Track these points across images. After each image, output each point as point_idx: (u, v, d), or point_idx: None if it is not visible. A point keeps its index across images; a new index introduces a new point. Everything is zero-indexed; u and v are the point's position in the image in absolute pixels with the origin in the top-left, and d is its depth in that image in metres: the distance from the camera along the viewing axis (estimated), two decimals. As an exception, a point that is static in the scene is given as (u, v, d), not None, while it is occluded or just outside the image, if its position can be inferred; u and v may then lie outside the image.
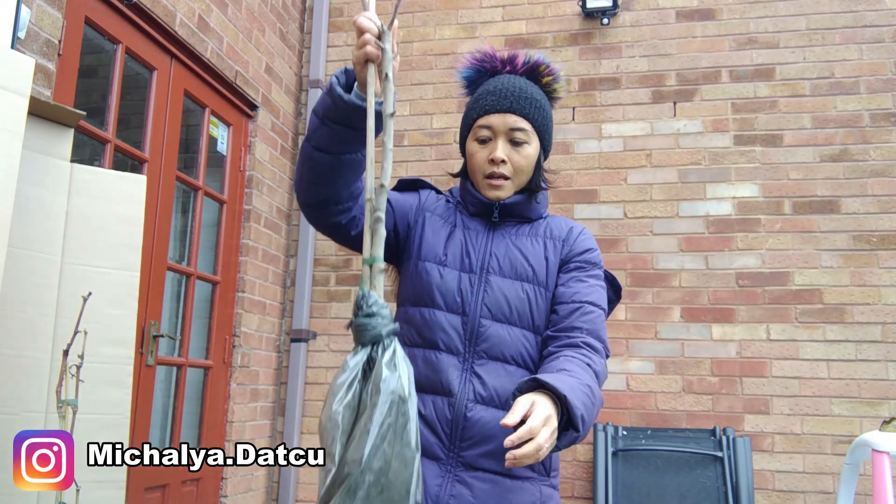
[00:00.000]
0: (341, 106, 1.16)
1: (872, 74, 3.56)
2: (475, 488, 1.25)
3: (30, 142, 1.66)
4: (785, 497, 3.29)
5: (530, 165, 1.39)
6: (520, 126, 1.36)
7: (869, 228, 3.44)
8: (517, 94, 1.37)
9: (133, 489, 2.69)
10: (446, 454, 1.26)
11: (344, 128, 1.18)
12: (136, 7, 2.73)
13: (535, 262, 1.37)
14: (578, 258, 1.39)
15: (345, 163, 1.23)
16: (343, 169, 1.24)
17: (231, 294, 3.49)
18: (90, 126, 2.57)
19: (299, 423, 3.78)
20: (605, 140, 3.78)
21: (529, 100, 1.38)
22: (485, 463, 1.26)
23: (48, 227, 1.74)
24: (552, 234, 1.42)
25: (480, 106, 1.39)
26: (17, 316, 1.66)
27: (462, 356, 1.30)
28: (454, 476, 1.25)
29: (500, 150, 1.36)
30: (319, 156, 1.23)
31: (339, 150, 1.22)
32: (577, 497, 3.46)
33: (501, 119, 1.36)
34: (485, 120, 1.37)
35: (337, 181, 1.25)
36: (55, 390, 1.64)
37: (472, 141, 1.40)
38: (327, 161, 1.23)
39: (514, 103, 1.36)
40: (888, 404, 3.29)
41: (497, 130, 1.37)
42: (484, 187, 1.39)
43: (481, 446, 1.26)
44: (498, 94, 1.37)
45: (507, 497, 1.25)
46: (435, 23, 4.09)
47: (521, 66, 1.43)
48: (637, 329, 3.57)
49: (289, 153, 4.05)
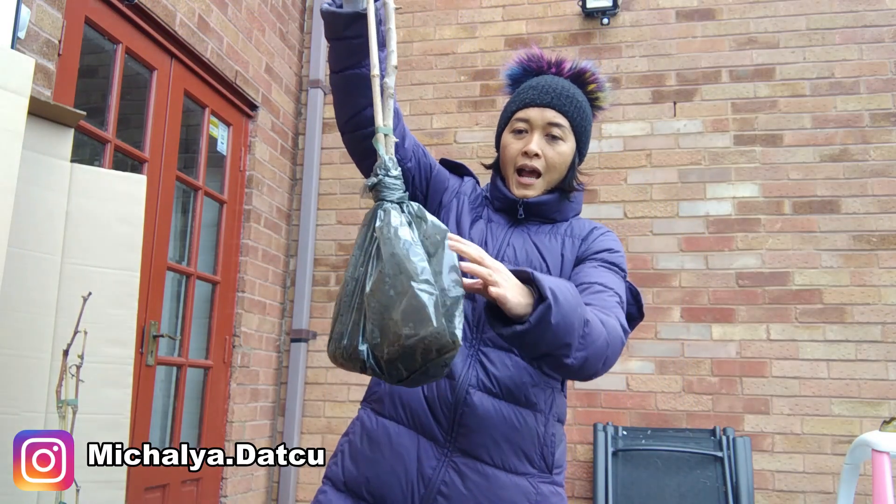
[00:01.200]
0: (327, 19, 1.21)
1: (872, 74, 3.56)
2: (468, 479, 1.24)
3: (30, 142, 1.66)
4: (785, 497, 3.29)
5: (564, 164, 1.39)
6: (557, 122, 1.36)
7: (869, 228, 3.44)
8: (558, 91, 1.38)
9: (133, 489, 2.69)
10: (444, 437, 1.26)
11: (337, 41, 1.23)
12: (136, 7, 2.73)
13: (550, 258, 1.36)
14: (595, 256, 1.36)
15: (350, 79, 1.25)
16: (352, 86, 1.26)
17: (231, 294, 3.49)
18: (90, 126, 2.57)
19: (299, 423, 3.78)
20: (605, 140, 3.78)
21: (570, 98, 1.38)
22: (481, 453, 1.25)
23: (48, 227, 1.74)
24: (572, 233, 1.40)
25: (520, 99, 1.40)
26: (17, 316, 1.66)
27: (469, 341, 1.29)
28: (450, 461, 1.25)
29: (535, 144, 1.36)
30: (335, 78, 1.28)
31: (344, 66, 1.25)
32: (577, 497, 3.46)
33: (540, 113, 1.37)
34: (523, 113, 1.38)
35: (353, 101, 1.27)
36: (55, 390, 1.64)
37: (508, 133, 1.41)
38: (341, 81, 1.27)
39: (554, 99, 1.37)
40: (888, 404, 3.29)
41: (534, 124, 1.37)
42: (513, 183, 1.39)
43: (479, 435, 1.25)
44: (539, 90, 1.39)
45: (498, 494, 1.24)
46: (435, 23, 4.09)
47: (567, 70, 1.44)
48: (637, 329, 3.53)
49: (289, 153, 4.05)
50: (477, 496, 1.23)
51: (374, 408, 1.34)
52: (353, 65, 1.24)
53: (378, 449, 1.28)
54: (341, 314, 1.06)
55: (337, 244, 3.97)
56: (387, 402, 1.31)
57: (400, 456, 1.26)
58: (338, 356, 1.05)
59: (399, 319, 0.97)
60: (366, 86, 1.23)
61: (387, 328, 0.98)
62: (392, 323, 0.98)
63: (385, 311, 0.98)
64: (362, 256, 1.05)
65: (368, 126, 1.24)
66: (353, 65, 1.24)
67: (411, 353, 0.97)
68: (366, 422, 1.33)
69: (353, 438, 1.33)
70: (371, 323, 1.00)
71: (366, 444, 1.30)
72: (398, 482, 1.24)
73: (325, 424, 3.76)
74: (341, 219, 4.00)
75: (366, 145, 1.26)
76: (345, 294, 1.07)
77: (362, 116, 1.27)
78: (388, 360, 0.99)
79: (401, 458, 1.26)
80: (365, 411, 1.36)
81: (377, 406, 1.33)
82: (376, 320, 0.99)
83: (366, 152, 1.28)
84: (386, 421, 1.30)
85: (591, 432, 3.45)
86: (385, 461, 1.27)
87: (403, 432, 1.28)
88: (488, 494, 1.23)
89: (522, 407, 1.28)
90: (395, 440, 1.27)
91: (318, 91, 4.07)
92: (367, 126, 1.24)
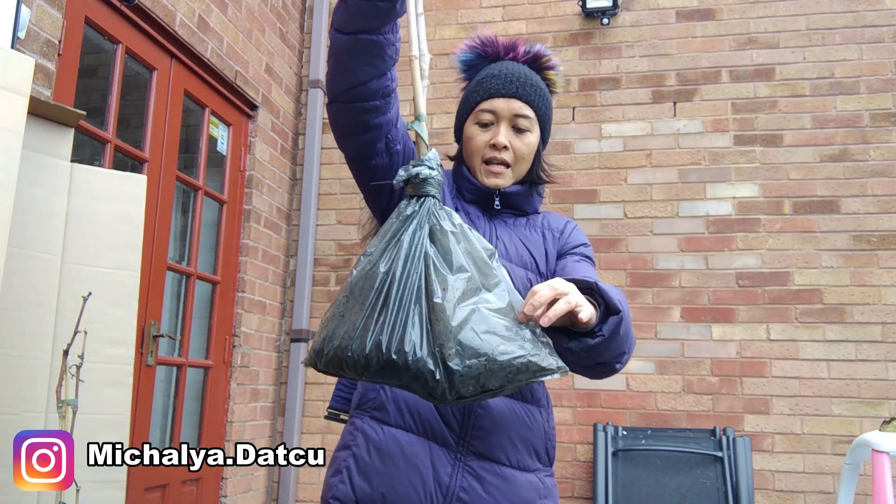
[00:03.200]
0: None
1: (872, 74, 3.56)
2: (487, 483, 1.21)
3: (30, 142, 1.66)
4: (785, 497, 3.29)
5: (531, 154, 1.37)
6: (524, 113, 1.34)
7: (869, 228, 3.44)
8: (523, 81, 1.35)
9: (133, 489, 2.69)
10: (456, 442, 1.22)
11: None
12: (136, 7, 2.73)
13: (537, 253, 1.35)
14: (574, 250, 1.38)
15: (363, 44, 1.15)
16: (362, 52, 1.15)
17: (231, 294, 3.49)
18: (90, 126, 2.57)
19: (299, 423, 3.77)
20: (605, 140, 3.78)
21: (535, 87, 1.36)
22: (499, 454, 1.23)
23: (48, 227, 1.74)
24: (550, 226, 1.41)
25: (485, 89, 1.35)
26: (17, 316, 1.65)
27: None
28: (464, 466, 1.21)
29: (503, 136, 1.33)
30: (341, 38, 1.16)
31: (357, 28, 1.14)
32: (577, 497, 3.46)
33: (506, 104, 1.33)
34: (489, 104, 1.34)
35: (357, 68, 1.17)
36: (55, 390, 1.64)
37: (473, 125, 1.37)
38: (347, 43, 1.15)
39: (519, 89, 1.34)
40: (888, 404, 3.29)
41: (501, 115, 1.34)
42: (482, 173, 1.36)
43: (496, 437, 1.23)
44: (504, 79, 1.34)
45: (518, 493, 1.23)
46: (435, 23, 4.09)
47: (522, 54, 1.40)
48: (637, 329, 3.56)
49: (289, 153, 4.05)
50: (497, 499, 1.21)
51: (375, 416, 1.25)
52: (372, 29, 1.13)
53: (391, 461, 1.20)
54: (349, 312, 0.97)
55: (337, 244, 3.97)
56: (391, 410, 1.23)
57: (415, 466, 1.19)
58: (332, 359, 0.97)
59: (481, 332, 0.93)
60: (377, 55, 1.16)
61: (465, 336, 0.92)
62: (472, 332, 0.92)
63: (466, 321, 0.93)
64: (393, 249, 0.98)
65: (373, 99, 1.19)
66: (371, 29, 1.13)
67: (512, 372, 0.93)
68: (370, 433, 1.23)
69: (359, 452, 1.23)
70: (451, 333, 0.92)
71: (376, 458, 1.21)
72: (416, 494, 1.18)
73: (325, 424, 3.76)
74: (341, 219, 4.00)
75: (365, 118, 1.21)
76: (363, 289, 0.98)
77: (366, 88, 1.18)
78: (465, 371, 0.91)
79: (416, 468, 1.19)
80: (364, 421, 1.26)
81: (379, 414, 1.24)
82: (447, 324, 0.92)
83: (361, 125, 1.22)
84: (394, 430, 1.22)
85: (591, 432, 3.45)
86: (400, 474, 1.19)
87: (415, 440, 1.21)
88: (508, 496, 1.22)
89: (530, 403, 1.28)
90: (408, 450, 1.20)
91: (318, 91, 4.07)
92: (371, 99, 1.19)
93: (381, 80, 1.19)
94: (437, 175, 1.04)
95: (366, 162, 1.27)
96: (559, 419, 3.54)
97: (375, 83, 1.19)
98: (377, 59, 1.17)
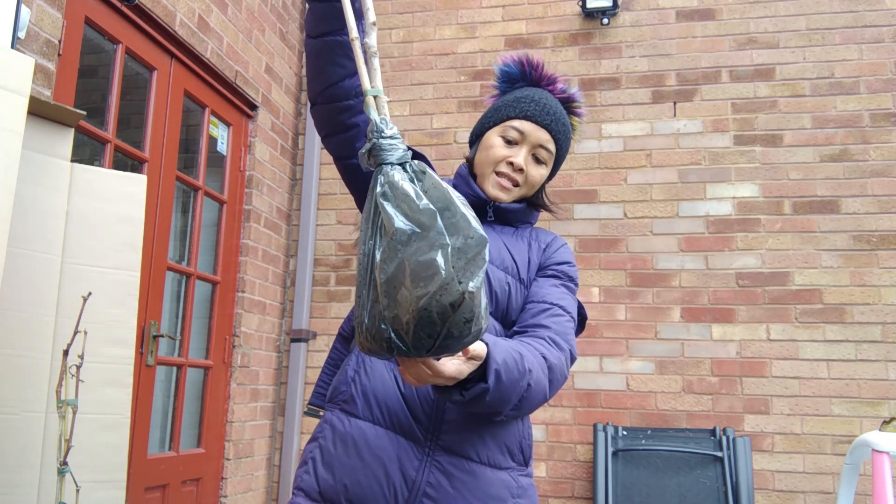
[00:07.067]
0: None
1: (872, 74, 3.56)
2: (454, 478, 1.21)
3: (30, 142, 1.66)
4: (785, 497, 3.29)
5: (539, 184, 1.43)
6: (548, 147, 1.40)
7: (869, 228, 3.44)
8: (558, 116, 1.41)
9: (133, 489, 2.69)
10: (424, 436, 1.22)
11: (317, 2, 1.18)
12: (136, 7, 2.73)
13: (519, 259, 1.38)
14: (556, 267, 1.40)
15: (330, 46, 1.20)
16: (330, 53, 1.21)
17: (231, 294, 3.49)
18: (90, 126, 2.57)
19: (299, 423, 3.78)
20: (605, 140, 3.78)
21: (565, 127, 1.42)
22: (468, 450, 1.23)
23: (48, 227, 1.74)
24: (537, 238, 1.44)
25: (521, 109, 1.40)
26: (17, 316, 1.66)
27: None
28: (432, 461, 1.21)
29: (522, 158, 1.38)
30: (311, 42, 1.22)
31: (322, 31, 1.20)
32: (577, 497, 3.46)
33: (536, 131, 1.38)
34: (520, 123, 1.39)
35: (328, 68, 1.22)
36: (55, 390, 1.64)
37: (497, 136, 1.40)
38: (319, 47, 1.21)
39: (553, 123, 1.39)
40: (888, 404, 3.29)
41: (527, 138, 1.38)
42: (490, 182, 1.40)
43: (463, 432, 1.23)
44: (542, 107, 1.39)
45: (485, 489, 1.23)
46: (435, 23, 4.09)
47: (558, 91, 1.46)
48: (637, 329, 3.57)
49: (289, 153, 4.05)
50: (465, 495, 1.21)
51: (343, 409, 1.26)
52: (334, 31, 1.19)
53: (355, 453, 1.21)
54: (359, 295, 0.97)
55: (337, 244, 3.97)
56: (359, 403, 1.24)
57: (379, 459, 1.20)
58: (365, 343, 0.96)
59: (409, 283, 0.88)
60: (345, 55, 1.20)
61: (401, 296, 0.89)
62: (404, 288, 0.89)
63: (395, 277, 0.89)
64: (370, 229, 0.96)
65: (346, 98, 1.23)
66: (333, 30, 1.19)
67: (428, 316, 0.88)
68: (337, 424, 1.25)
69: (325, 443, 1.25)
70: (385, 296, 0.90)
71: (340, 449, 1.23)
72: (379, 487, 1.19)
73: (325, 424, 3.75)
74: (341, 219, 4.00)
75: (342, 118, 1.25)
76: (359, 273, 0.97)
77: (338, 88, 1.22)
78: (410, 332, 0.89)
79: (380, 461, 1.20)
80: (333, 413, 1.28)
81: (348, 407, 1.26)
82: (389, 291, 0.90)
83: (339, 125, 1.26)
84: (360, 422, 1.23)
85: (591, 432, 3.45)
86: (364, 465, 1.20)
87: (382, 433, 1.22)
88: (476, 492, 1.22)
89: None
90: (374, 442, 1.21)
91: (318, 91, 4.07)
92: (345, 98, 1.23)
93: (353, 78, 1.23)
94: (385, 139, 0.99)
95: (348, 161, 1.30)
96: (559, 419, 3.54)
97: (348, 82, 1.23)
98: (344, 58, 1.21)
